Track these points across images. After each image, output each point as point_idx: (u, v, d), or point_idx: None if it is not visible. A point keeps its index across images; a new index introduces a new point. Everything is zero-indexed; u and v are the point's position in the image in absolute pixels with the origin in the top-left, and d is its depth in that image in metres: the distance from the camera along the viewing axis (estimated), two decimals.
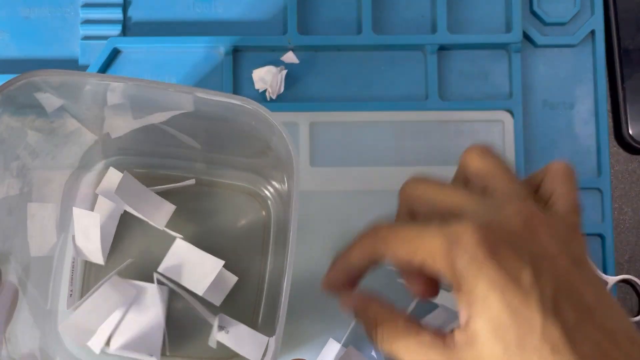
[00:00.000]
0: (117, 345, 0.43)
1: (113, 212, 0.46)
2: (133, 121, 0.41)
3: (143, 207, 0.44)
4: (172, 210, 0.45)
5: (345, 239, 0.46)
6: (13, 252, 0.41)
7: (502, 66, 0.48)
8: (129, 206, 0.44)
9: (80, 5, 0.48)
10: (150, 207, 0.45)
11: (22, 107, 0.37)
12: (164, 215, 0.45)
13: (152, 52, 0.48)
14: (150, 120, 0.41)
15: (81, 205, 0.46)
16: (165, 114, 0.39)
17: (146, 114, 0.40)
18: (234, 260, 0.44)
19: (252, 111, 0.34)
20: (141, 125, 0.42)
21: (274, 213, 0.46)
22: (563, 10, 0.48)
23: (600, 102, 0.47)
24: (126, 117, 0.40)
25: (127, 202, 0.43)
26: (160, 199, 0.45)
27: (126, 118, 0.40)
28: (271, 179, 0.46)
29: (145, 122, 0.41)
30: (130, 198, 0.43)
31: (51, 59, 0.48)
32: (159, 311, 0.44)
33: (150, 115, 0.40)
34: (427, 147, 0.47)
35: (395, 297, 0.35)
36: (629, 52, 0.48)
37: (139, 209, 0.44)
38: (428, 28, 0.48)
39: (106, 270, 0.45)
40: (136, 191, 0.44)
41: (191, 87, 0.34)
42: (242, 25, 0.48)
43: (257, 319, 0.46)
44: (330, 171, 0.47)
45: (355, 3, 0.48)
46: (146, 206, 0.44)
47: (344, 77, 0.48)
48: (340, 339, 0.45)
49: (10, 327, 0.39)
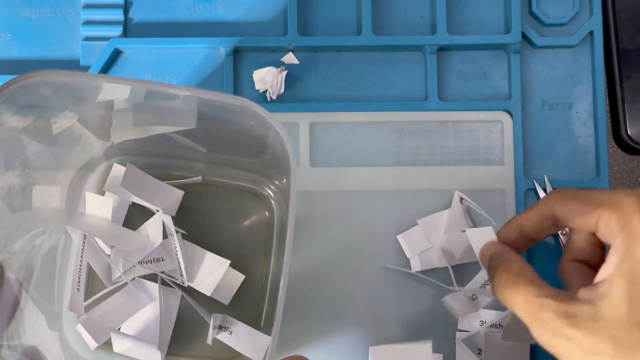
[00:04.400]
0: (122, 344, 0.43)
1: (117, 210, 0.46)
2: (135, 122, 0.41)
3: (151, 197, 0.44)
4: (181, 196, 0.45)
5: (346, 239, 0.47)
6: (16, 251, 0.41)
7: (501, 67, 0.48)
8: (136, 197, 0.44)
9: (82, 6, 0.49)
10: (158, 195, 0.44)
11: (24, 107, 0.37)
12: (174, 202, 0.45)
13: (153, 53, 0.48)
14: (153, 123, 0.41)
15: (84, 205, 0.46)
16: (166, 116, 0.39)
17: (148, 116, 0.40)
18: (237, 259, 0.45)
19: (250, 111, 0.34)
20: (143, 127, 0.42)
21: (277, 212, 0.47)
22: (562, 11, 0.48)
23: (598, 103, 0.48)
24: (128, 118, 0.40)
25: (134, 193, 0.43)
26: (167, 186, 0.45)
27: (128, 119, 0.40)
28: (273, 179, 0.46)
29: (147, 124, 0.41)
30: (137, 188, 0.43)
31: (52, 60, 0.49)
32: (170, 312, 0.44)
33: (152, 117, 0.40)
34: (427, 147, 0.47)
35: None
36: (628, 53, 0.48)
37: (147, 198, 0.44)
38: (427, 29, 0.49)
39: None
40: (142, 181, 0.44)
41: (190, 88, 0.34)
42: (242, 26, 0.49)
43: (261, 318, 0.46)
44: (330, 171, 0.47)
45: (355, 4, 0.49)
46: (154, 195, 0.44)
47: (343, 78, 0.48)
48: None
49: (13, 325, 0.39)
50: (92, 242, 0.43)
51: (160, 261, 0.44)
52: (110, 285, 0.45)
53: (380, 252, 0.46)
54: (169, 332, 0.45)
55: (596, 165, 0.47)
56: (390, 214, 0.47)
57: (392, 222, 0.47)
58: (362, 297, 0.46)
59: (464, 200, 0.46)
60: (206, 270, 0.44)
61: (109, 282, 0.44)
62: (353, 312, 0.46)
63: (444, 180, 0.47)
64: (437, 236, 0.46)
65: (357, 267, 0.46)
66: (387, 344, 0.45)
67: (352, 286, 0.46)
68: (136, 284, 0.45)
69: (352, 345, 0.46)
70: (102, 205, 0.44)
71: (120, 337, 0.42)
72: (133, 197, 0.44)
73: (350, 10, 0.49)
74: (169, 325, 0.45)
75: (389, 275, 0.47)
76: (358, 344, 0.46)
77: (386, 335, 0.46)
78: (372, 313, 0.46)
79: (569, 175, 0.47)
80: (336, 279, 0.46)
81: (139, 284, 0.45)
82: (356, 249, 0.47)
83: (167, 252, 0.44)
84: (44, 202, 0.43)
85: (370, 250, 0.46)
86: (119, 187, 0.43)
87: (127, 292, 0.45)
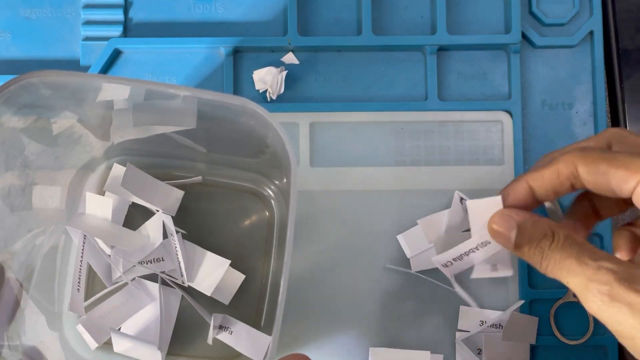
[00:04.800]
0: (122, 344, 0.43)
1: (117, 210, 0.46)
2: (135, 122, 0.41)
3: (151, 197, 0.44)
4: (181, 196, 0.45)
5: (346, 239, 0.47)
6: (16, 251, 0.41)
7: (501, 67, 0.48)
8: (136, 197, 0.44)
9: (82, 6, 0.49)
10: (158, 195, 0.44)
11: (24, 107, 0.37)
12: (174, 202, 0.45)
13: (153, 53, 0.48)
14: (153, 123, 0.41)
15: (84, 205, 0.46)
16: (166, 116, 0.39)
17: (148, 116, 0.40)
18: (237, 259, 0.45)
19: (250, 111, 0.34)
20: (143, 127, 0.42)
21: (277, 212, 0.47)
22: (562, 11, 0.48)
23: (598, 103, 0.48)
24: (128, 118, 0.40)
25: (134, 193, 0.43)
26: (167, 186, 0.45)
27: (128, 119, 0.40)
28: (273, 179, 0.46)
29: (147, 124, 0.41)
30: (137, 189, 0.43)
31: (52, 60, 0.48)
32: (170, 312, 0.44)
33: (152, 117, 0.40)
34: (427, 147, 0.47)
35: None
36: (628, 53, 0.48)
37: (147, 198, 0.44)
38: (427, 29, 0.49)
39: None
40: (142, 181, 0.44)
41: (190, 88, 0.34)
42: (242, 26, 0.49)
43: (261, 318, 0.46)
44: (330, 171, 0.47)
45: (355, 4, 0.49)
46: (154, 195, 0.44)
47: (343, 78, 0.48)
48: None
49: (13, 326, 0.39)
50: (93, 242, 0.43)
51: (161, 261, 0.45)
52: (110, 285, 0.45)
53: (380, 252, 0.47)
54: (169, 332, 0.45)
55: None
56: (390, 214, 0.47)
57: (392, 222, 0.47)
58: (362, 297, 0.46)
59: (464, 200, 0.46)
60: (206, 270, 0.44)
61: (109, 283, 0.44)
62: (353, 311, 0.46)
63: (444, 180, 0.47)
64: (437, 236, 0.46)
65: (356, 267, 0.46)
66: (387, 347, 0.45)
67: (351, 286, 0.46)
68: (136, 284, 0.45)
69: (352, 346, 0.46)
70: (102, 205, 0.44)
71: (120, 337, 0.42)
72: (133, 197, 0.44)
73: (350, 10, 0.49)
74: (169, 325, 0.45)
75: (389, 275, 0.47)
76: (358, 344, 0.46)
77: (386, 335, 0.46)
78: (372, 313, 0.46)
79: None
80: (336, 278, 0.46)
81: (139, 284, 0.45)
82: (356, 249, 0.47)
83: (167, 252, 0.44)
84: (44, 202, 0.43)
85: (370, 250, 0.47)
86: (119, 187, 0.43)
87: (127, 292, 0.45)
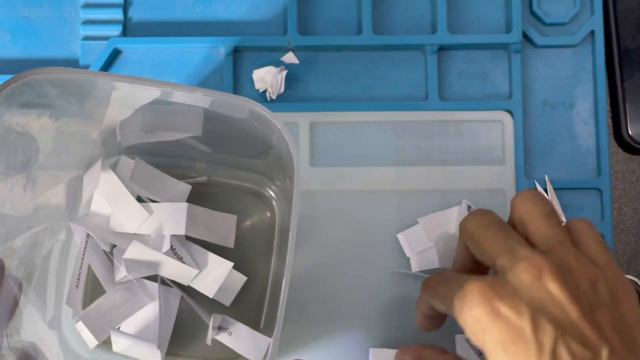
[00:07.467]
0: (121, 343, 0.43)
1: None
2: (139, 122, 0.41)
3: (159, 191, 0.44)
4: (189, 190, 0.45)
5: (346, 239, 0.47)
6: (16, 249, 0.41)
7: (502, 66, 0.48)
8: (145, 191, 0.44)
9: (81, 6, 0.48)
10: (166, 190, 0.44)
11: (25, 106, 0.37)
12: (181, 196, 0.45)
13: (153, 53, 0.48)
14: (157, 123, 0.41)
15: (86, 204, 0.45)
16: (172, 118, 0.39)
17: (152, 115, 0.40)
18: (238, 260, 0.44)
19: (253, 111, 0.34)
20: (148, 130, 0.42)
21: (279, 213, 0.47)
22: (563, 10, 0.48)
23: (600, 103, 0.48)
24: (132, 118, 0.40)
25: (143, 188, 0.43)
26: (175, 180, 0.45)
27: (132, 118, 0.40)
28: (275, 179, 0.46)
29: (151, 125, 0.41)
30: (146, 183, 0.43)
31: (51, 59, 0.48)
32: (170, 311, 0.44)
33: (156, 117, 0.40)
34: (427, 147, 0.47)
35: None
36: (629, 52, 0.48)
37: (155, 193, 0.44)
38: (428, 28, 0.48)
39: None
40: (151, 176, 0.44)
41: (193, 87, 0.34)
42: (242, 26, 0.49)
43: (260, 320, 0.46)
44: (330, 171, 0.47)
45: (355, 3, 0.49)
46: (162, 190, 0.44)
47: (344, 78, 0.48)
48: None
49: (12, 324, 0.39)
50: (96, 243, 0.43)
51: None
52: (109, 288, 0.44)
53: (381, 252, 0.46)
54: (168, 332, 0.45)
55: (597, 165, 0.47)
56: (390, 213, 0.47)
57: (392, 222, 0.47)
58: (362, 297, 0.46)
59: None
60: (208, 272, 0.44)
61: (109, 284, 0.44)
62: (353, 312, 0.46)
63: (444, 180, 0.47)
64: (437, 235, 0.46)
65: (356, 267, 0.46)
66: (387, 348, 0.45)
67: (352, 286, 0.46)
68: (136, 284, 0.44)
69: (352, 346, 0.46)
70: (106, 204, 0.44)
71: (119, 336, 0.42)
72: (140, 191, 0.44)
73: (350, 9, 0.49)
74: (169, 325, 0.45)
75: (389, 275, 0.46)
76: (358, 345, 0.46)
77: (387, 335, 0.46)
78: (373, 313, 0.46)
79: (570, 176, 0.47)
80: (336, 278, 0.46)
81: (139, 283, 0.45)
82: (356, 249, 0.46)
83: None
84: (45, 201, 0.43)
85: (370, 251, 0.46)
86: (126, 181, 0.43)
87: (127, 291, 0.44)
